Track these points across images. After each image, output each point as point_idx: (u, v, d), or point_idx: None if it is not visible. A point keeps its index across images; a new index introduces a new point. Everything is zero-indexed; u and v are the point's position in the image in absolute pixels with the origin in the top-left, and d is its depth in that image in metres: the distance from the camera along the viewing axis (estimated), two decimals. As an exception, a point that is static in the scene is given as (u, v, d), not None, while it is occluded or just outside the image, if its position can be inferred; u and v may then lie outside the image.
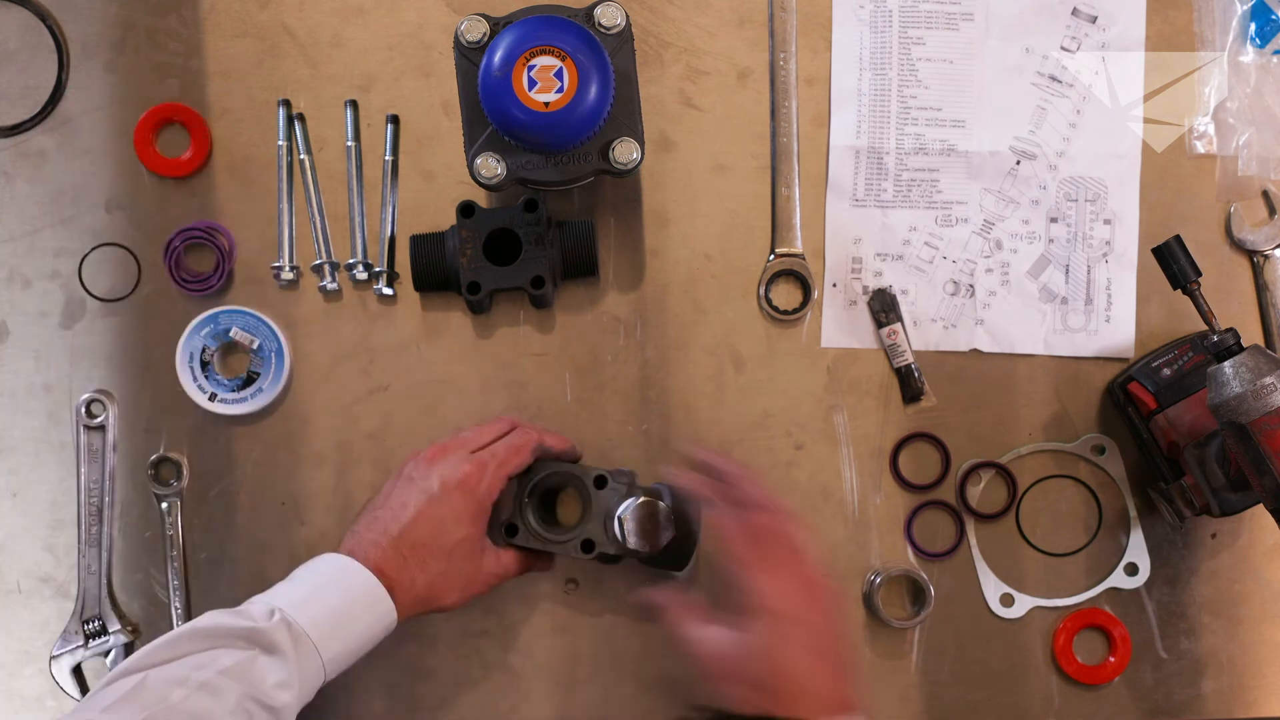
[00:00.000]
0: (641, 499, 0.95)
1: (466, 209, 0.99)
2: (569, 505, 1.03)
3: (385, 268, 1.03)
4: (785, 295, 1.05)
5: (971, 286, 1.05)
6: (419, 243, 1.01)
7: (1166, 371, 0.99)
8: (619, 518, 0.94)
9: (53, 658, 1.03)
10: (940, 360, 1.05)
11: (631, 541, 0.94)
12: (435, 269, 1.00)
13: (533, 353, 1.04)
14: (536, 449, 0.97)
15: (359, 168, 1.04)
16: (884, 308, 1.04)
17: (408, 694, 1.03)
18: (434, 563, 0.92)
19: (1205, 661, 1.05)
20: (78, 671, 1.03)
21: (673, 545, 0.96)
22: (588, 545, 0.95)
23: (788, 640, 0.86)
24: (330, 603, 0.88)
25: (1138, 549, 1.05)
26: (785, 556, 0.89)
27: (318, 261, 1.03)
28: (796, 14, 1.05)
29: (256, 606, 0.87)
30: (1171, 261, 0.91)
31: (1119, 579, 1.05)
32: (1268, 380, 0.85)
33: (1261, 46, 1.05)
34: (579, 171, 0.94)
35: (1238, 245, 1.05)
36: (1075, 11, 1.05)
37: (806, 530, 0.91)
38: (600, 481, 0.96)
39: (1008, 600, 1.05)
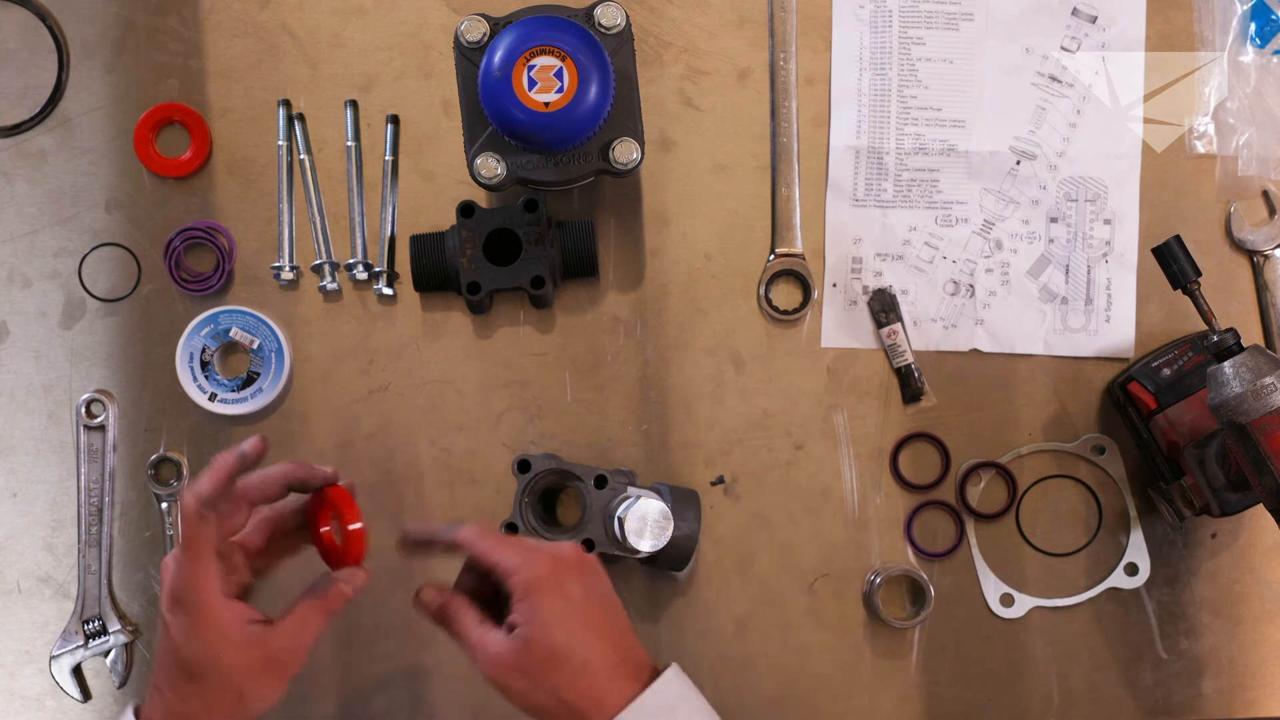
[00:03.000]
0: (641, 499, 0.95)
1: (466, 209, 0.99)
2: (569, 505, 1.03)
3: (385, 268, 1.03)
4: (785, 295, 1.05)
5: (971, 286, 1.05)
6: (419, 243, 1.01)
7: (1166, 371, 0.99)
8: (619, 518, 0.94)
9: (53, 658, 1.03)
10: (940, 360, 1.05)
11: (631, 541, 0.94)
12: (435, 269, 1.00)
13: (533, 353, 1.04)
14: (199, 508, 0.81)
15: (359, 168, 1.04)
16: (884, 308, 1.04)
17: (408, 694, 1.03)
18: (220, 696, 0.81)
19: (1205, 661, 1.05)
20: (78, 671, 1.03)
21: (673, 545, 0.96)
22: (588, 545, 0.95)
23: (550, 615, 0.81)
24: None
25: (1138, 549, 1.05)
26: (528, 540, 0.87)
27: (318, 261, 1.03)
28: (796, 14, 1.05)
29: None
30: (1171, 261, 0.91)
31: (1119, 579, 1.05)
32: (1268, 380, 0.85)
33: (1261, 46, 1.05)
34: (579, 171, 0.94)
35: (1238, 245, 1.05)
36: (1075, 11, 1.05)
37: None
38: (600, 481, 0.96)
39: (1008, 600, 1.05)
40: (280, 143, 1.04)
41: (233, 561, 0.85)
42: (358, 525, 0.85)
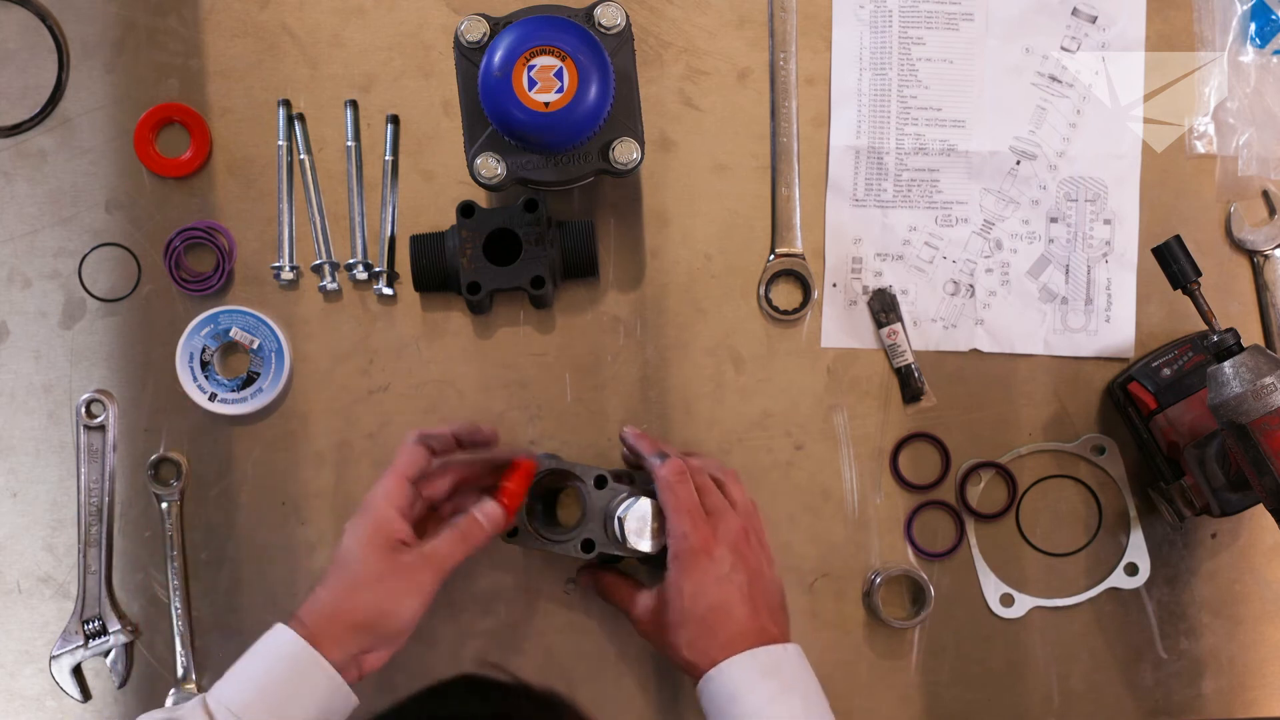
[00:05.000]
0: (641, 499, 0.95)
1: (466, 209, 0.99)
2: (569, 505, 1.03)
3: (385, 268, 1.03)
4: (785, 295, 1.05)
5: (971, 286, 1.05)
6: (419, 243, 1.01)
7: (1166, 371, 0.99)
8: (619, 518, 0.94)
9: (53, 658, 1.03)
10: (940, 360, 1.05)
11: (631, 541, 0.94)
12: (435, 269, 1.00)
13: (533, 353, 1.04)
14: (420, 439, 0.94)
15: (359, 168, 1.04)
16: (884, 308, 1.04)
17: (408, 694, 1.03)
18: (358, 593, 0.89)
19: (1205, 661, 1.05)
20: (78, 671, 1.03)
21: (673, 545, 0.96)
22: (588, 545, 0.95)
23: (690, 583, 0.91)
24: (265, 684, 0.86)
25: (1138, 549, 1.05)
26: (712, 503, 0.94)
27: (318, 261, 1.03)
28: (796, 14, 1.05)
29: (187, 705, 0.86)
30: (1171, 261, 0.91)
31: (1119, 579, 1.05)
32: (1268, 380, 0.85)
33: (1261, 46, 1.05)
34: (579, 171, 0.94)
35: (1238, 245, 1.05)
36: (1075, 11, 1.05)
37: (738, 481, 0.98)
38: (600, 481, 0.96)
39: (1008, 600, 1.05)
40: (280, 143, 1.04)
41: (418, 495, 0.94)
42: (512, 486, 0.94)
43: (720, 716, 0.89)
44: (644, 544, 0.94)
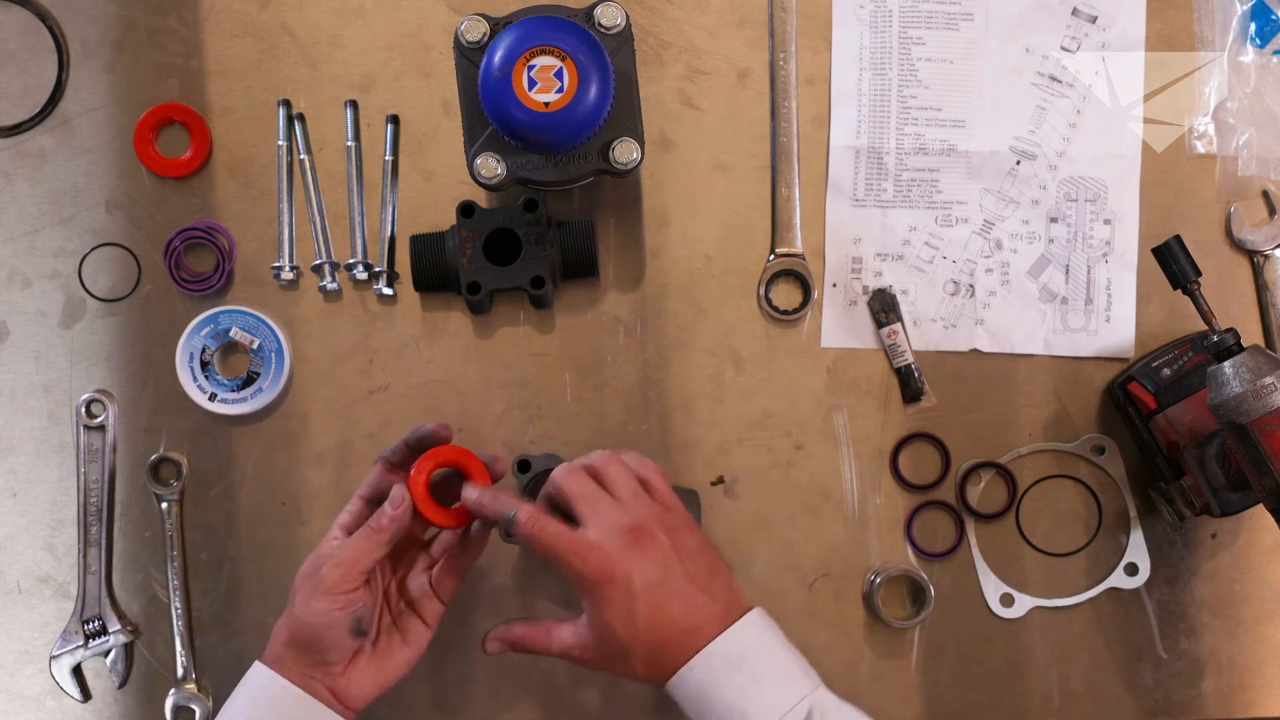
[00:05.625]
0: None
1: (466, 209, 0.99)
2: (569, 505, 1.03)
3: (385, 268, 1.03)
4: (785, 295, 1.05)
5: (971, 286, 1.05)
6: (419, 243, 1.01)
7: (1166, 371, 0.99)
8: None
9: (53, 658, 1.03)
10: (940, 360, 1.05)
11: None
12: (435, 269, 1.00)
13: (533, 353, 1.04)
14: (379, 459, 0.94)
15: (359, 168, 1.04)
16: (884, 308, 1.04)
17: (408, 694, 1.03)
18: (290, 614, 0.88)
19: (1205, 661, 1.05)
20: (78, 671, 1.03)
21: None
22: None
23: (613, 615, 0.83)
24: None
25: (1138, 549, 1.05)
26: (616, 491, 0.87)
27: (318, 261, 1.03)
28: (796, 14, 1.05)
29: None
30: (1171, 261, 0.91)
31: (1119, 579, 1.05)
32: (1268, 380, 0.85)
33: (1261, 46, 1.05)
34: (579, 171, 0.94)
35: (1238, 245, 1.05)
36: (1075, 11, 1.05)
37: (641, 461, 0.90)
38: (600, 481, 0.96)
39: (1008, 600, 1.05)
40: (280, 143, 1.04)
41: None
42: (415, 466, 0.91)
43: (701, 717, 0.84)
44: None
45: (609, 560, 0.83)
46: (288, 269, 1.03)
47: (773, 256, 1.04)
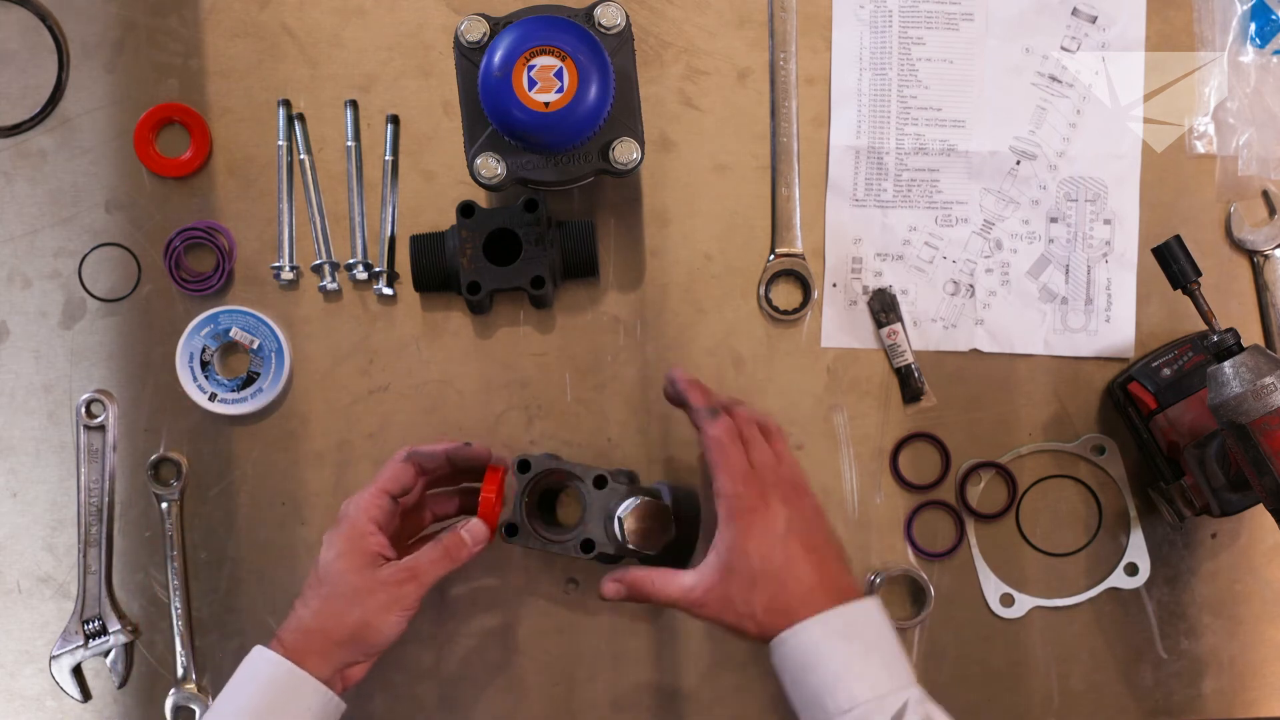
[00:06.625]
0: (641, 499, 0.95)
1: (466, 209, 0.99)
2: (569, 505, 1.03)
3: (385, 268, 1.03)
4: (785, 295, 1.05)
5: (971, 286, 1.05)
6: (419, 243, 1.01)
7: (1166, 371, 0.99)
8: (619, 518, 0.94)
9: (53, 658, 1.03)
10: (940, 360, 1.05)
11: (631, 541, 0.94)
12: (435, 269, 1.00)
13: (533, 353, 1.04)
14: (409, 456, 0.95)
15: (359, 168, 1.04)
16: (884, 308, 1.04)
17: (407, 694, 1.03)
18: (340, 609, 0.90)
19: (1205, 661, 1.05)
20: (78, 671, 1.03)
21: (673, 545, 0.96)
22: (588, 545, 0.95)
23: (750, 542, 0.88)
24: (256, 708, 0.88)
25: (1138, 549, 1.05)
26: (758, 458, 0.91)
27: (318, 261, 1.03)
28: (796, 14, 1.05)
29: None
30: (1171, 261, 0.91)
31: (1119, 579, 1.05)
32: (1268, 380, 0.85)
33: (1261, 46, 1.05)
34: (579, 171, 0.94)
35: (1238, 245, 1.05)
36: (1075, 11, 1.05)
37: (783, 436, 0.94)
38: (600, 481, 0.96)
39: (1008, 600, 1.05)
40: (280, 143, 1.04)
41: (397, 508, 0.94)
42: (491, 497, 0.94)
43: (800, 676, 0.85)
44: (644, 544, 0.94)
45: (765, 493, 0.89)
46: (288, 269, 1.03)
47: (773, 256, 1.04)
